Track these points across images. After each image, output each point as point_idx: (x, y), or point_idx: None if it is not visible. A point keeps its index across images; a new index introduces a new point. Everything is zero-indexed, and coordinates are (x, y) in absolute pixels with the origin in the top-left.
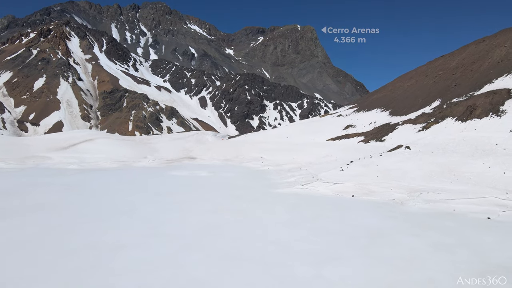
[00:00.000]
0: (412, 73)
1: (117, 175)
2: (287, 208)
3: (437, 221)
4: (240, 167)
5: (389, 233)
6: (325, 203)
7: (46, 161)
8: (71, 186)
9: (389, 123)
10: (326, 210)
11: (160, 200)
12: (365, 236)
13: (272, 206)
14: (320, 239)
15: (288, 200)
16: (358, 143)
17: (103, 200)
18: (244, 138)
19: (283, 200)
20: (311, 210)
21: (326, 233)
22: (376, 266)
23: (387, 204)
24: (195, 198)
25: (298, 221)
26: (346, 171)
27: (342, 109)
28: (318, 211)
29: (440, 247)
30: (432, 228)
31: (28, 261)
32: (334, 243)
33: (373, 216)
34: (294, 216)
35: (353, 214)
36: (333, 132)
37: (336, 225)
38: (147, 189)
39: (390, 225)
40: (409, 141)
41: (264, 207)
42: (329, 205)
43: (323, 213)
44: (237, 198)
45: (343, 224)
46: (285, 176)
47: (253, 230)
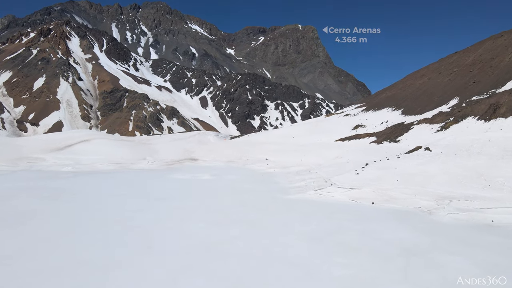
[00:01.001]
0: (424, 71)
1: (113, 179)
2: (302, 218)
3: (478, 235)
4: (244, 169)
5: (426, 250)
6: (344, 212)
7: (39, 162)
8: (62, 191)
9: (402, 122)
10: (346, 220)
11: (158, 207)
12: (400, 254)
13: (285, 216)
14: (348, 260)
15: (301, 208)
16: (370, 144)
17: (95, 207)
18: (247, 138)
19: (296, 208)
20: (329, 220)
21: (353, 251)
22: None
23: (414, 214)
24: (197, 206)
25: (317, 234)
26: (362, 174)
27: (349, 109)
28: (337, 222)
29: (491, 269)
30: (475, 244)
31: (2, 283)
32: (366, 266)
33: (402, 228)
34: (312, 228)
35: (378, 225)
36: (342, 132)
37: (362, 240)
38: (144, 194)
39: (424, 240)
40: (428, 142)
41: (276, 217)
42: (349, 214)
43: (344, 225)
44: (244, 206)
45: (370, 238)
46: (294, 180)
47: (266, 247)
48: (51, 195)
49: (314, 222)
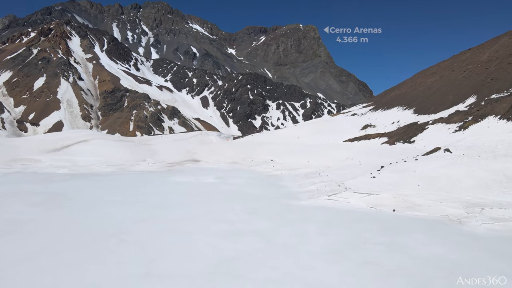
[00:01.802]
0: (435, 68)
1: (111, 182)
2: (319, 228)
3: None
4: (249, 171)
5: (471, 271)
6: (364, 221)
7: (35, 164)
8: (55, 196)
9: (416, 122)
10: (369, 231)
11: (159, 216)
12: (442, 277)
13: (299, 226)
14: (384, 283)
15: (316, 216)
16: (382, 144)
17: (89, 216)
18: (251, 138)
19: (310, 216)
20: (349, 231)
21: (386, 271)
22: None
23: (442, 223)
24: (201, 214)
25: (340, 249)
26: (378, 178)
27: (356, 108)
28: (359, 233)
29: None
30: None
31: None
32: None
33: (434, 241)
34: (332, 241)
35: (406, 238)
36: (350, 132)
37: (393, 258)
38: (144, 201)
39: (464, 256)
40: (447, 143)
41: (290, 227)
42: (369, 223)
43: (368, 237)
44: (253, 213)
45: (401, 255)
46: (303, 183)
47: (284, 266)
48: (42, 201)
49: (333, 233)
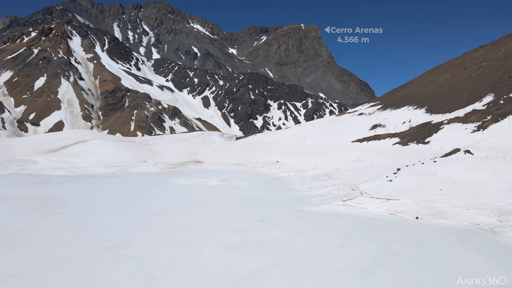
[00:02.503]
0: (446, 66)
1: (109, 185)
2: (338, 239)
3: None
4: (255, 173)
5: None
6: (386, 230)
7: (31, 165)
8: (49, 201)
9: (429, 122)
10: (394, 242)
11: (159, 224)
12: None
13: (316, 236)
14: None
15: (333, 225)
16: (394, 145)
17: (83, 225)
18: (254, 139)
19: (326, 224)
20: (372, 242)
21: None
22: None
23: (474, 233)
24: (206, 222)
25: (368, 267)
26: (396, 182)
27: (363, 107)
28: (384, 246)
29: None
30: None
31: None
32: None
33: (471, 255)
34: (356, 255)
35: (439, 251)
36: (358, 132)
37: (429, 276)
38: (144, 206)
39: (510, 272)
40: (465, 144)
41: (305, 237)
42: (393, 233)
43: (394, 250)
44: (263, 221)
45: (439, 275)
46: (313, 187)
47: (306, 287)
48: (35, 206)
49: (354, 245)
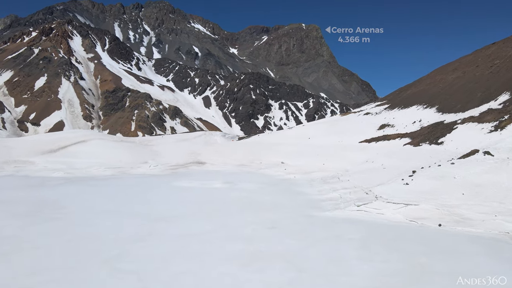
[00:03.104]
0: (455, 64)
1: (108, 187)
2: (358, 250)
3: None
4: (260, 174)
5: None
6: (408, 239)
7: (28, 166)
8: (44, 205)
9: (442, 121)
10: (421, 254)
11: (161, 232)
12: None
13: (332, 246)
14: None
15: (349, 233)
16: (404, 146)
17: (78, 233)
18: (258, 139)
19: (342, 232)
20: (397, 255)
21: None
22: None
23: (505, 243)
24: (211, 229)
25: (396, 284)
26: (412, 185)
27: (368, 107)
28: (408, 257)
29: None
30: None
31: None
32: None
33: (506, 269)
34: (380, 270)
35: (469, 264)
36: (366, 132)
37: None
38: (144, 211)
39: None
40: (483, 145)
41: (320, 247)
42: (418, 243)
43: (422, 263)
44: (273, 228)
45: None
46: (323, 190)
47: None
48: (28, 211)
49: (377, 257)
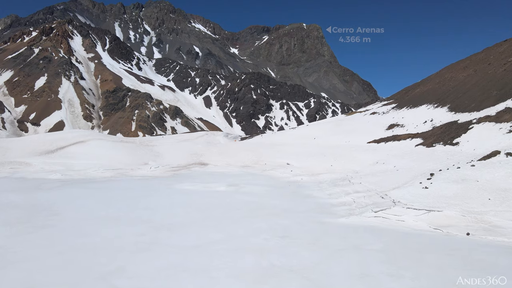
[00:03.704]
0: (466, 62)
1: (107, 191)
2: (384, 263)
3: None
4: (265, 176)
5: None
6: (438, 252)
7: (24, 168)
8: (37, 211)
9: (455, 121)
10: (454, 269)
11: (163, 242)
12: None
13: (354, 259)
14: None
15: (371, 243)
16: (416, 146)
17: (73, 243)
18: (261, 139)
19: (362, 241)
20: (428, 269)
21: None
22: None
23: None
24: (218, 238)
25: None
26: (432, 189)
27: (374, 106)
28: (443, 274)
29: None
30: None
31: None
32: None
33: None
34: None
35: (510, 282)
36: (374, 133)
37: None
38: (145, 218)
39: None
40: (503, 146)
41: (342, 260)
42: (447, 255)
43: (458, 280)
44: (285, 237)
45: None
46: (334, 193)
47: None
48: (20, 217)
49: (407, 273)
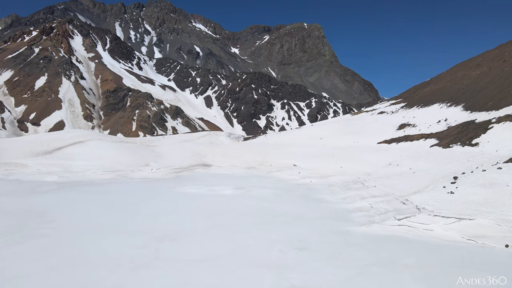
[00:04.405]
0: (478, 60)
1: (106, 194)
2: (421, 281)
3: None
4: (272, 178)
5: None
6: (478, 267)
7: (20, 169)
8: (31, 217)
9: (472, 120)
10: None
11: (166, 255)
12: None
13: (387, 276)
14: None
15: (401, 257)
16: (432, 147)
17: (65, 257)
18: (265, 139)
19: (391, 255)
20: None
21: None
22: None
23: None
24: (228, 251)
25: None
26: (458, 194)
27: (382, 105)
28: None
29: None
30: None
31: None
32: None
33: None
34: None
35: None
36: (383, 133)
37: None
38: (146, 227)
39: None
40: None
41: (373, 278)
42: (488, 272)
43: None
44: (303, 249)
45: None
46: (348, 197)
47: None
48: (11, 225)
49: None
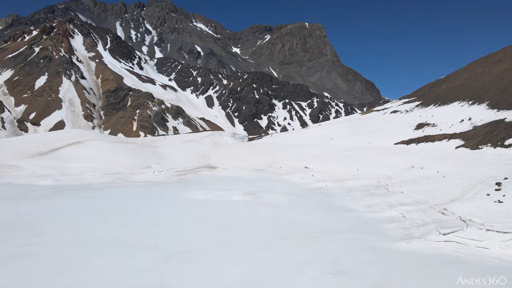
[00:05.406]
0: (499, 55)
1: (104, 200)
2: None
3: None
4: (283, 182)
5: None
6: None
7: (13, 172)
8: (17, 227)
9: (501, 120)
10: None
11: (172, 284)
12: None
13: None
14: None
15: (459, 284)
16: (457, 148)
17: (52, 283)
18: (272, 140)
19: (447, 282)
20: None
21: None
22: None
23: None
24: (250, 277)
25: None
26: (508, 203)
27: (394, 104)
28: None
29: None
30: None
31: None
32: None
33: None
34: None
35: None
36: (400, 133)
37: None
38: (148, 241)
39: None
40: None
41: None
42: None
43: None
44: (340, 274)
45: None
46: (373, 204)
47: None
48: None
49: None
